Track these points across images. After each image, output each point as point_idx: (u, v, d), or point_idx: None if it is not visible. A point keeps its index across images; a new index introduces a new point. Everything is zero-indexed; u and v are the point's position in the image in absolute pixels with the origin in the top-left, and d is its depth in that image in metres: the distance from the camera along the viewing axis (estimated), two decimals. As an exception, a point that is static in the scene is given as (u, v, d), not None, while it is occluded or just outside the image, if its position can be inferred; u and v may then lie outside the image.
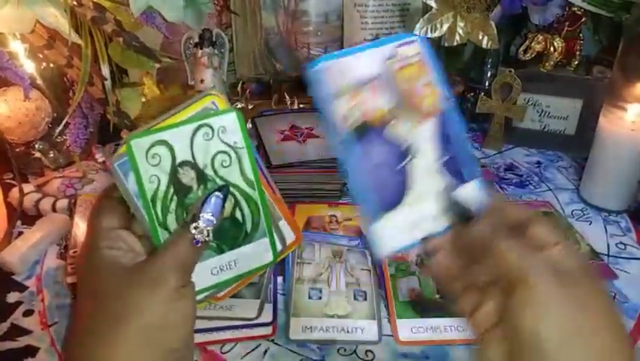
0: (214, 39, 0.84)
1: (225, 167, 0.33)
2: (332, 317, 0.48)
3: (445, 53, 0.82)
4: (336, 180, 0.65)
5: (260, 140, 0.69)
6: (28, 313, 0.49)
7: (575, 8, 0.74)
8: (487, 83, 0.86)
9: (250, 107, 0.89)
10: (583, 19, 0.74)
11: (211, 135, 0.33)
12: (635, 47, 0.59)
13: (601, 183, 0.64)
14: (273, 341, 0.46)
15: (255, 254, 0.35)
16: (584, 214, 0.64)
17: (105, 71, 0.62)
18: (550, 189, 0.70)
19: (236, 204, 0.34)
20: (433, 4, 0.72)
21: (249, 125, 0.83)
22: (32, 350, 0.45)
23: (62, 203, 0.62)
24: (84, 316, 0.32)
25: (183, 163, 0.33)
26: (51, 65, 0.65)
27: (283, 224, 0.36)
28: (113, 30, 0.57)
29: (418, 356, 0.45)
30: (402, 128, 0.33)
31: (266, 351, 0.45)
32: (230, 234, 0.34)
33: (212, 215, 0.32)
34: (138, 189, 0.32)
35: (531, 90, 0.76)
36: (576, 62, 0.75)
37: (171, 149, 0.32)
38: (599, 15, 0.75)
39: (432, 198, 0.33)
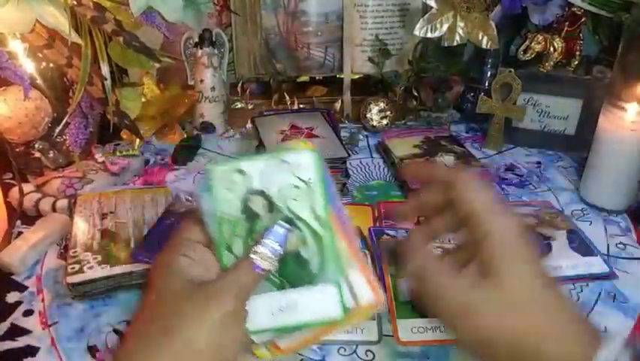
0: (214, 39, 0.84)
1: (296, 201, 0.34)
2: (332, 317, 0.48)
3: (445, 53, 0.82)
4: (336, 180, 0.65)
5: (260, 140, 0.69)
6: (28, 313, 0.49)
7: (575, 8, 0.74)
8: (487, 83, 0.86)
9: (250, 107, 0.89)
10: (583, 20, 0.74)
11: (286, 170, 0.34)
12: (635, 47, 0.59)
13: (601, 183, 0.64)
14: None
15: (320, 303, 0.33)
16: (584, 214, 0.64)
17: (105, 70, 0.62)
18: (550, 189, 0.70)
19: (303, 240, 0.34)
20: (433, 4, 0.72)
21: (249, 125, 0.83)
22: (32, 350, 0.45)
23: (62, 203, 0.62)
24: (142, 315, 0.33)
25: (256, 192, 0.34)
26: (51, 64, 0.65)
27: (359, 281, 0.34)
28: (112, 30, 0.57)
29: (418, 356, 0.45)
30: None
31: (266, 351, 0.45)
32: (293, 270, 0.34)
33: (274, 242, 0.33)
34: (211, 210, 0.34)
35: (531, 90, 0.76)
36: (576, 62, 0.75)
37: (246, 178, 0.34)
38: (599, 15, 0.75)
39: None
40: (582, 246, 0.57)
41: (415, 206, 0.39)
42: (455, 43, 0.73)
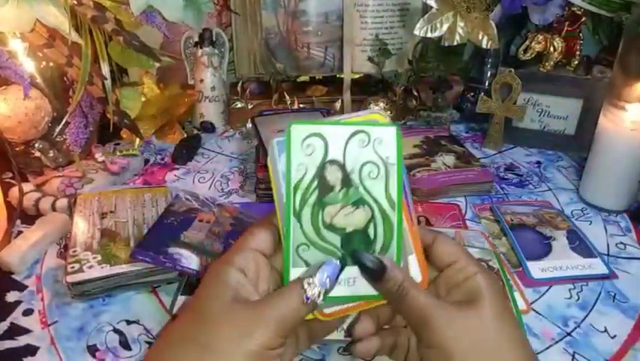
0: (214, 38, 0.84)
1: (372, 178, 0.33)
2: (332, 316, 0.48)
3: (445, 53, 0.82)
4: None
5: (260, 140, 0.69)
6: (27, 312, 0.49)
7: (575, 8, 0.74)
8: (487, 83, 0.87)
9: (250, 106, 0.89)
10: (583, 19, 0.74)
11: (366, 143, 0.33)
12: (635, 46, 0.59)
13: (601, 183, 0.64)
14: (272, 340, 0.46)
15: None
16: (584, 214, 0.64)
17: (105, 70, 0.62)
18: (550, 189, 0.70)
19: (372, 219, 0.33)
20: (433, 4, 0.72)
21: (249, 125, 0.83)
22: (32, 349, 0.45)
23: (62, 202, 0.62)
24: (179, 323, 0.32)
25: (333, 161, 0.33)
26: (51, 64, 0.64)
27: (413, 260, 0.35)
28: (113, 29, 0.57)
29: (418, 355, 0.45)
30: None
31: (266, 351, 0.45)
32: (357, 247, 0.33)
33: (328, 277, 0.32)
34: (286, 172, 0.32)
35: (531, 90, 0.76)
36: (576, 62, 0.75)
37: (326, 144, 0.33)
38: (599, 15, 0.75)
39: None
40: (582, 246, 0.57)
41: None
42: (455, 43, 0.73)
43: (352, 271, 0.33)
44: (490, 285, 0.33)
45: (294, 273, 0.33)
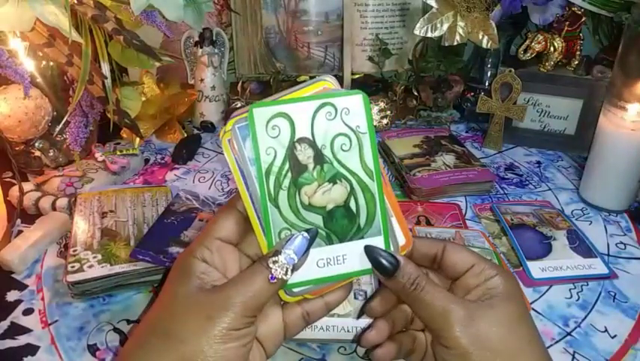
0: (214, 38, 0.84)
1: (345, 151, 0.32)
2: (332, 316, 0.48)
3: (445, 53, 0.82)
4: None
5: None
6: (27, 311, 0.49)
7: (575, 8, 0.74)
8: (487, 83, 0.87)
9: (250, 106, 0.89)
10: (583, 19, 0.74)
11: (334, 115, 0.32)
12: (635, 46, 0.59)
13: (601, 183, 0.64)
14: (273, 340, 0.46)
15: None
16: (584, 214, 0.64)
17: (105, 69, 0.62)
18: (550, 189, 0.70)
19: (352, 192, 0.32)
20: (433, 4, 0.72)
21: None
22: (32, 349, 0.45)
23: (62, 202, 0.62)
24: (147, 318, 0.32)
25: (302, 140, 0.32)
26: (51, 63, 0.64)
27: (395, 226, 0.34)
28: (113, 28, 0.57)
29: (418, 355, 0.45)
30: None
31: (266, 350, 0.45)
32: (341, 224, 0.33)
33: (295, 253, 0.31)
34: (255, 158, 0.31)
35: (531, 90, 0.76)
36: (576, 62, 0.75)
37: (292, 123, 0.31)
38: (600, 15, 0.75)
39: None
40: (582, 246, 0.57)
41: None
42: (455, 43, 0.73)
43: (342, 248, 0.33)
44: (510, 286, 0.33)
45: None
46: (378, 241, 0.33)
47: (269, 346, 0.34)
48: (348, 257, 0.33)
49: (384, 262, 0.32)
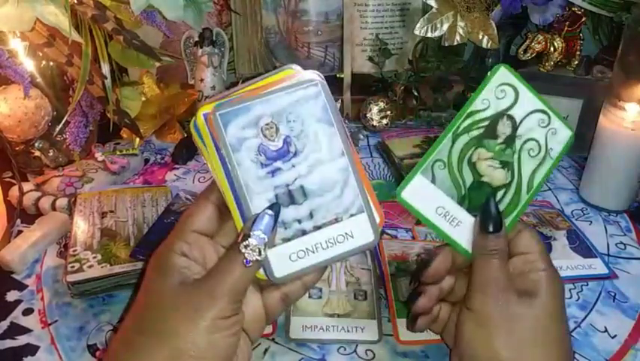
0: (214, 38, 0.84)
1: (530, 155, 0.35)
2: (332, 316, 0.48)
3: (445, 53, 0.82)
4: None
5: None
6: (27, 311, 0.49)
7: (575, 8, 0.74)
8: (487, 83, 0.86)
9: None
10: (583, 19, 0.74)
11: (544, 125, 0.35)
12: (635, 46, 0.59)
13: (601, 183, 0.64)
14: (273, 340, 0.46)
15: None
16: (584, 214, 0.64)
17: (105, 69, 0.62)
18: (550, 189, 0.70)
19: (507, 186, 0.35)
20: (433, 4, 0.72)
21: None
22: (32, 349, 0.45)
23: (62, 202, 0.62)
24: (131, 319, 0.32)
25: (512, 117, 0.35)
26: (51, 63, 0.64)
27: (371, 203, 0.35)
28: (113, 28, 0.57)
29: (418, 355, 0.45)
30: None
31: (266, 350, 0.45)
32: (480, 199, 0.35)
33: (264, 233, 0.31)
34: (470, 99, 0.35)
35: (531, 90, 0.76)
36: (576, 62, 0.75)
37: (516, 100, 0.35)
38: (600, 15, 0.75)
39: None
40: (582, 246, 0.57)
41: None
42: (455, 43, 0.73)
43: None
44: (551, 284, 0.34)
45: (418, 178, 0.35)
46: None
47: (252, 331, 0.35)
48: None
49: (493, 217, 0.34)
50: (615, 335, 0.47)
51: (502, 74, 0.35)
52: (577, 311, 0.50)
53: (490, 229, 0.34)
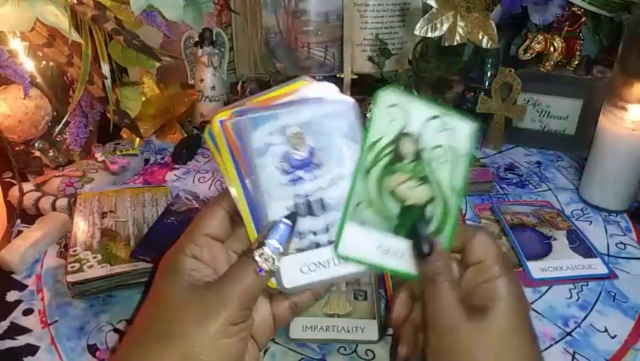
0: (214, 38, 0.84)
1: (440, 162, 0.34)
2: (332, 316, 0.48)
3: (445, 53, 0.82)
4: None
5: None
6: (27, 311, 0.49)
7: (575, 8, 0.74)
8: (487, 83, 0.86)
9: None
10: (583, 19, 0.74)
11: (443, 128, 0.34)
12: (635, 47, 0.59)
13: (601, 183, 0.64)
14: (273, 340, 0.46)
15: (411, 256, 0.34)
16: (584, 214, 0.64)
17: (105, 69, 0.62)
18: (551, 189, 0.70)
19: (432, 200, 0.34)
20: (433, 4, 0.72)
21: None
22: (32, 349, 0.45)
23: (62, 202, 0.62)
24: (140, 320, 0.32)
25: (409, 135, 0.34)
26: (51, 63, 0.64)
27: None
28: (113, 29, 0.57)
29: (418, 355, 0.45)
30: None
31: (266, 350, 0.45)
32: (409, 220, 0.34)
33: (279, 242, 0.31)
34: (365, 130, 0.34)
35: (531, 90, 0.76)
36: (576, 62, 0.75)
37: (407, 117, 0.34)
38: (600, 15, 0.75)
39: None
40: (582, 246, 0.57)
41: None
42: (455, 43, 0.73)
43: (399, 244, 0.33)
44: (510, 293, 0.32)
45: (348, 228, 0.33)
46: None
47: (260, 338, 0.34)
48: (405, 253, 0.34)
49: (423, 242, 0.33)
50: (615, 335, 0.47)
51: (385, 98, 0.34)
52: (577, 311, 0.50)
53: (425, 250, 0.33)
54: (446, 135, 0.34)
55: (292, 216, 0.33)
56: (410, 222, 0.34)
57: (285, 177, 0.33)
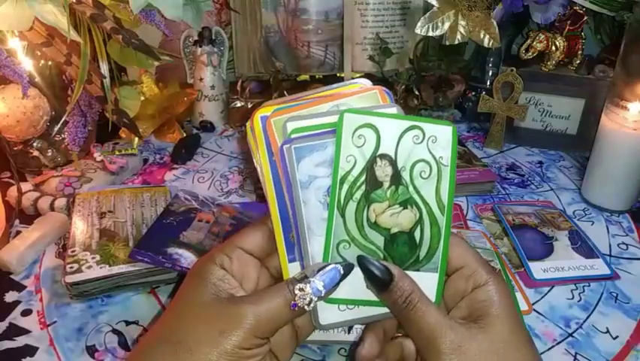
0: (213, 37, 0.84)
1: (423, 178, 0.31)
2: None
3: (446, 52, 0.82)
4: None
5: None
6: (26, 312, 0.49)
7: (577, 7, 0.74)
8: (488, 82, 0.86)
9: (250, 105, 0.89)
10: (585, 18, 0.74)
11: (420, 140, 0.31)
12: (637, 46, 0.59)
13: (603, 183, 0.64)
14: (272, 341, 0.46)
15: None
16: (586, 214, 0.64)
17: (104, 69, 0.61)
18: (552, 189, 0.70)
19: (420, 222, 0.32)
20: (434, 3, 0.71)
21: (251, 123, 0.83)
22: (31, 350, 0.45)
23: (61, 202, 0.62)
24: (158, 324, 0.31)
25: (384, 156, 0.31)
26: (49, 62, 0.64)
27: None
28: (112, 28, 0.57)
29: (419, 356, 0.45)
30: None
31: (266, 352, 0.45)
32: (401, 251, 0.32)
33: (325, 287, 0.30)
34: (334, 163, 0.31)
35: (533, 89, 0.76)
36: (578, 62, 0.75)
37: (378, 137, 0.31)
38: (601, 14, 0.75)
39: None
40: (584, 246, 0.57)
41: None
42: (456, 42, 0.73)
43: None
44: (502, 297, 0.31)
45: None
46: (432, 278, 0.32)
47: (282, 354, 0.33)
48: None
49: (377, 273, 0.30)
50: (617, 336, 0.47)
51: (349, 121, 0.30)
52: (579, 312, 0.49)
53: (382, 285, 0.30)
54: (426, 146, 0.31)
55: (347, 267, 0.31)
56: (398, 250, 0.31)
57: (327, 212, 0.31)
